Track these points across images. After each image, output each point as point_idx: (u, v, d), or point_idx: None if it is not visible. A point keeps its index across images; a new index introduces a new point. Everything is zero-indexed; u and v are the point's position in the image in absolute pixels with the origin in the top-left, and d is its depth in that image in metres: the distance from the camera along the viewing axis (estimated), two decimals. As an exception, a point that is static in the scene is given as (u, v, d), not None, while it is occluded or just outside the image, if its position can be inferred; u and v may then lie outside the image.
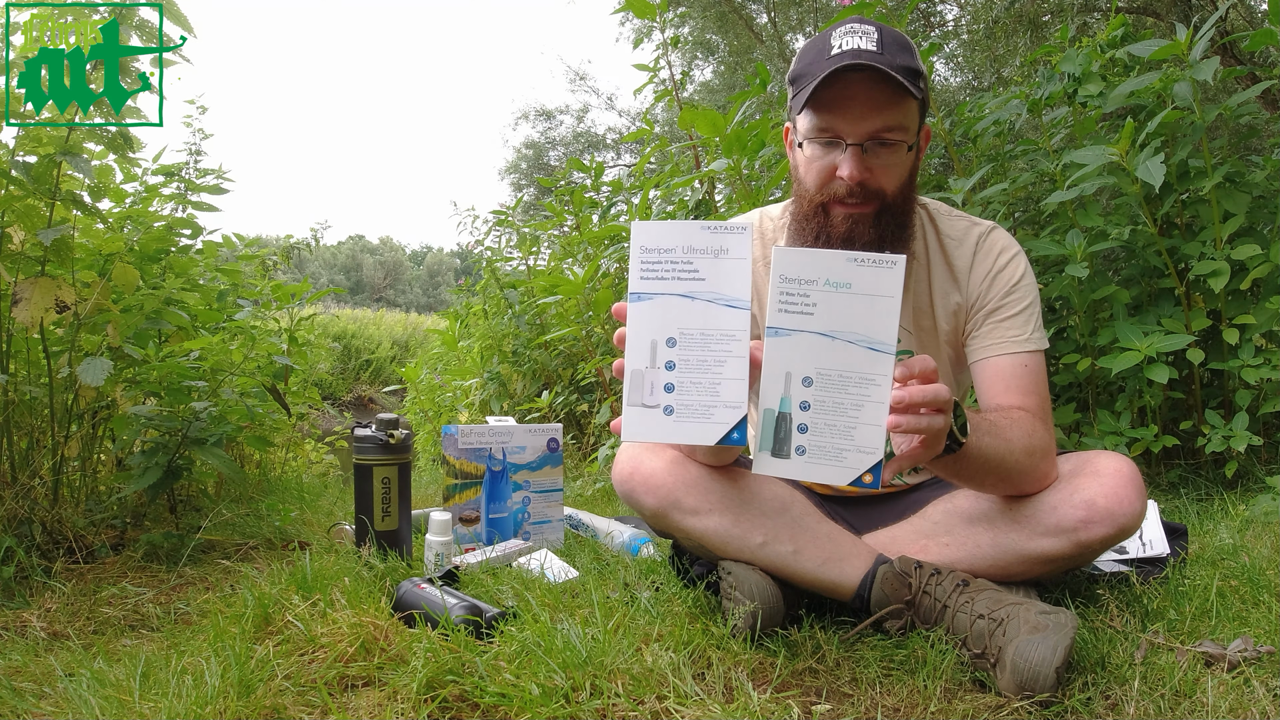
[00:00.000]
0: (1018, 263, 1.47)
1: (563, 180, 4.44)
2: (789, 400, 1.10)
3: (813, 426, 1.10)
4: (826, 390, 1.10)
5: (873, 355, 1.09)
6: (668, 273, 1.10)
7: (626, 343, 1.10)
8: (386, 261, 47.28)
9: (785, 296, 1.10)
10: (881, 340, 1.09)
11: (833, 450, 1.10)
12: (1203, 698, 1.09)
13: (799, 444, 1.10)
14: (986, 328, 1.45)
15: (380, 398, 12.50)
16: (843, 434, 1.10)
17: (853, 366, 1.09)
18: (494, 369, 4.40)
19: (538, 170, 16.49)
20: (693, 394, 1.09)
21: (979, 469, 1.26)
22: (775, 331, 1.10)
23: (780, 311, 1.10)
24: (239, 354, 2.51)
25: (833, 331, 1.10)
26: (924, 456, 1.15)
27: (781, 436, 1.11)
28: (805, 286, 1.09)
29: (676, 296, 1.10)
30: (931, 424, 1.10)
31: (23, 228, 1.92)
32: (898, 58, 1.31)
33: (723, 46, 11.27)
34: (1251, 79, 3.91)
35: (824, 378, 1.10)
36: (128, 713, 1.13)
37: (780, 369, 1.11)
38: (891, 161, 1.35)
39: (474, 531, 2.07)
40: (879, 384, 1.09)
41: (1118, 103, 2.38)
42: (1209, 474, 2.38)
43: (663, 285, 1.10)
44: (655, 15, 3.02)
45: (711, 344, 1.09)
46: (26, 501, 1.92)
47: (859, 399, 1.09)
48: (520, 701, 1.07)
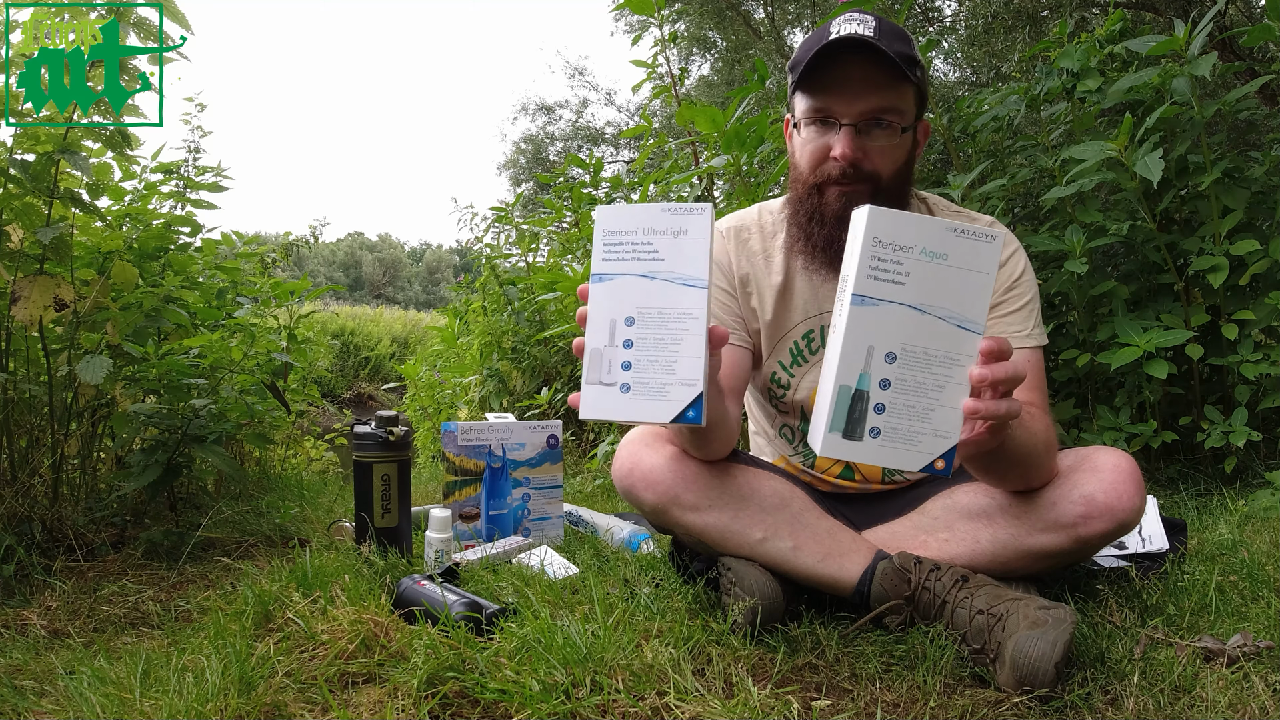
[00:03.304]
0: (1017, 259, 1.48)
1: (562, 176, 4.44)
2: (869, 377, 1.03)
3: (891, 407, 1.03)
4: (910, 368, 1.03)
5: (961, 334, 1.03)
6: (629, 254, 1.09)
7: (587, 322, 1.10)
8: (385, 258, 47.25)
9: (877, 262, 1.02)
10: (972, 319, 1.02)
11: (909, 434, 1.03)
12: (1202, 693, 1.09)
13: (874, 425, 1.03)
14: (988, 323, 1.45)
15: (380, 395, 12.50)
16: (920, 416, 1.03)
17: (940, 344, 1.02)
18: (493, 366, 4.40)
19: (537, 165, 16.48)
20: (649, 372, 1.08)
21: (1011, 462, 1.25)
22: (862, 300, 1.02)
23: (870, 278, 1.02)
24: (238, 351, 2.51)
25: (925, 305, 1.02)
26: (988, 444, 1.09)
27: (856, 416, 1.03)
28: (900, 253, 1.02)
29: (636, 277, 1.09)
30: (1009, 409, 1.04)
31: (21, 226, 1.92)
32: (894, 44, 1.33)
33: (720, 42, 11.25)
34: (1250, 74, 3.90)
35: (909, 354, 1.03)
36: (128, 710, 1.13)
37: (863, 341, 1.03)
38: (886, 144, 1.37)
39: (474, 528, 2.07)
40: (963, 365, 1.03)
41: (1116, 98, 2.38)
42: (1208, 469, 2.38)
43: (623, 266, 1.09)
44: (653, 11, 3.01)
45: (669, 322, 1.08)
46: (26, 500, 1.92)
47: (942, 379, 1.03)
48: (521, 698, 1.07)
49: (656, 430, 1.44)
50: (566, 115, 17.36)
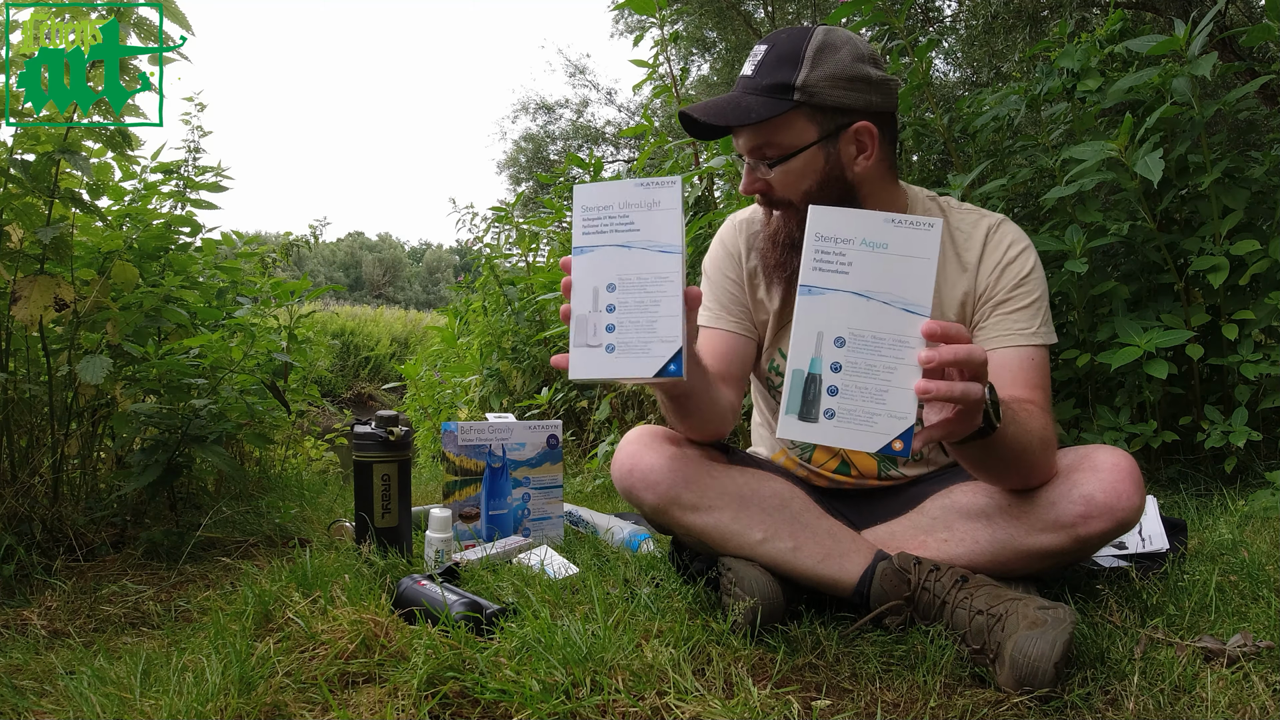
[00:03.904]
0: (1028, 256, 1.48)
1: (562, 176, 4.44)
2: (820, 361, 1.09)
3: (843, 389, 1.08)
4: (859, 352, 1.08)
5: (907, 317, 1.07)
6: (606, 227, 1.17)
7: (571, 290, 1.17)
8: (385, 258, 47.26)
9: (820, 255, 1.09)
10: (917, 302, 1.07)
11: (863, 414, 1.07)
12: (1202, 693, 1.09)
13: (828, 407, 1.08)
14: (994, 319, 1.46)
15: (380, 395, 12.50)
16: (874, 397, 1.07)
17: (887, 327, 1.07)
18: (493, 366, 4.40)
19: (537, 165, 16.47)
20: (632, 332, 1.14)
21: (1004, 458, 1.25)
22: (809, 290, 1.09)
23: (815, 269, 1.09)
24: (238, 351, 2.51)
25: (868, 291, 1.08)
26: (959, 429, 1.11)
27: (810, 399, 1.09)
28: (841, 245, 1.09)
29: (615, 247, 1.16)
30: (967, 391, 1.05)
31: (21, 226, 1.92)
32: (771, 76, 1.38)
33: (720, 42, 11.25)
34: (1250, 74, 3.90)
35: (857, 338, 1.08)
36: (128, 710, 1.13)
37: (812, 328, 1.09)
38: (781, 173, 1.42)
39: (474, 528, 2.07)
40: (913, 347, 1.07)
41: (1116, 98, 2.38)
42: (1208, 469, 2.38)
43: (602, 239, 1.17)
44: (654, 11, 3.01)
45: (648, 286, 1.14)
46: (27, 499, 1.92)
47: (892, 361, 1.07)
48: (521, 697, 1.07)
49: (656, 431, 1.45)
50: (567, 114, 17.36)
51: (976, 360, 1.06)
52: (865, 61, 1.40)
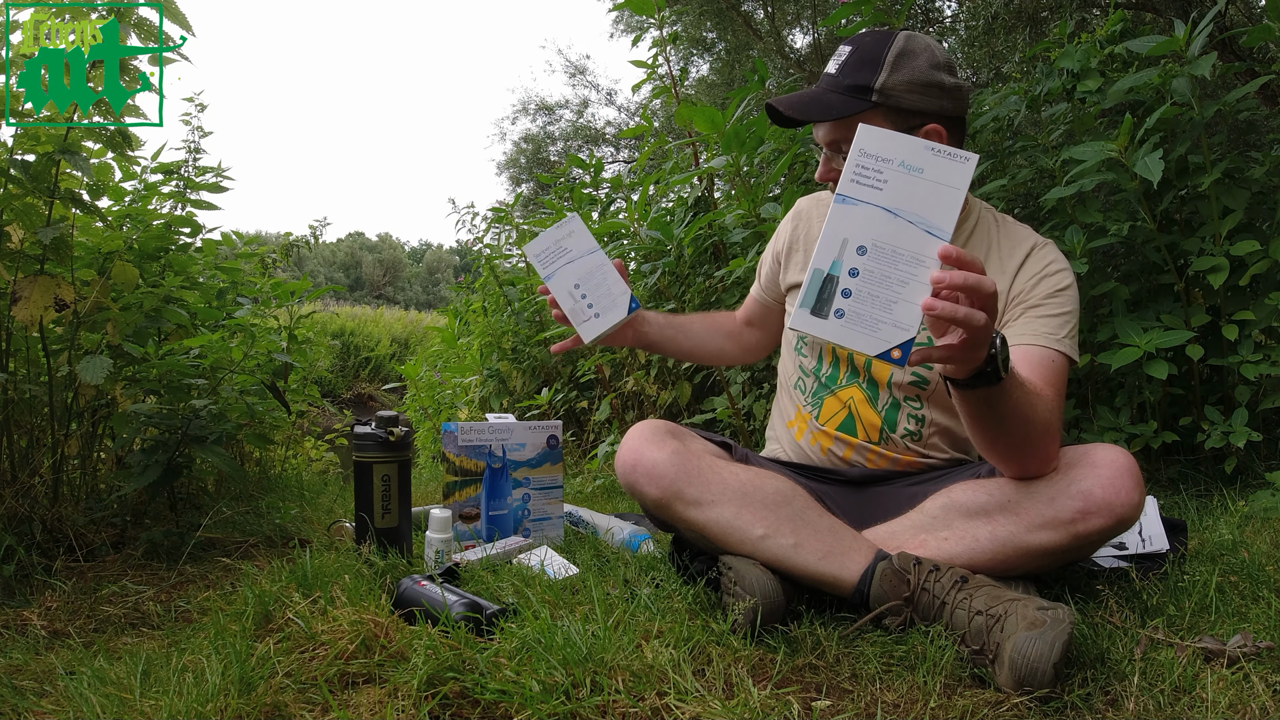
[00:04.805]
0: (1066, 275, 1.52)
1: (562, 177, 4.43)
2: (840, 264, 1.14)
3: (856, 293, 1.13)
4: (878, 262, 1.13)
5: (928, 238, 1.12)
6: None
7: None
8: (385, 259, 47.27)
9: (860, 169, 1.15)
10: (940, 226, 1.11)
11: (870, 320, 1.12)
12: (1202, 693, 1.09)
13: (839, 307, 1.13)
14: (1024, 320, 1.49)
15: (380, 395, 12.50)
16: (883, 306, 1.12)
17: (908, 245, 1.12)
18: (493, 366, 4.40)
19: (537, 165, 16.46)
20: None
21: (1005, 417, 1.25)
22: (844, 199, 1.15)
23: (853, 181, 1.15)
24: (239, 352, 2.51)
25: (897, 209, 1.13)
26: (960, 357, 1.13)
27: (825, 297, 1.14)
28: (881, 164, 1.14)
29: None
30: (970, 316, 1.08)
31: (21, 226, 1.92)
32: (851, 77, 1.50)
33: (720, 42, 11.24)
34: (1250, 74, 3.90)
35: (879, 249, 1.13)
36: (128, 710, 1.13)
37: (839, 234, 1.14)
38: None
39: (474, 528, 2.07)
40: (928, 266, 1.11)
41: (1116, 98, 2.38)
42: (1208, 470, 2.38)
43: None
44: (653, 11, 3.01)
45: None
46: (27, 500, 1.92)
47: (906, 276, 1.12)
48: (521, 698, 1.07)
49: (659, 426, 1.47)
50: (567, 115, 17.35)
51: (985, 290, 1.09)
52: (940, 69, 1.49)
